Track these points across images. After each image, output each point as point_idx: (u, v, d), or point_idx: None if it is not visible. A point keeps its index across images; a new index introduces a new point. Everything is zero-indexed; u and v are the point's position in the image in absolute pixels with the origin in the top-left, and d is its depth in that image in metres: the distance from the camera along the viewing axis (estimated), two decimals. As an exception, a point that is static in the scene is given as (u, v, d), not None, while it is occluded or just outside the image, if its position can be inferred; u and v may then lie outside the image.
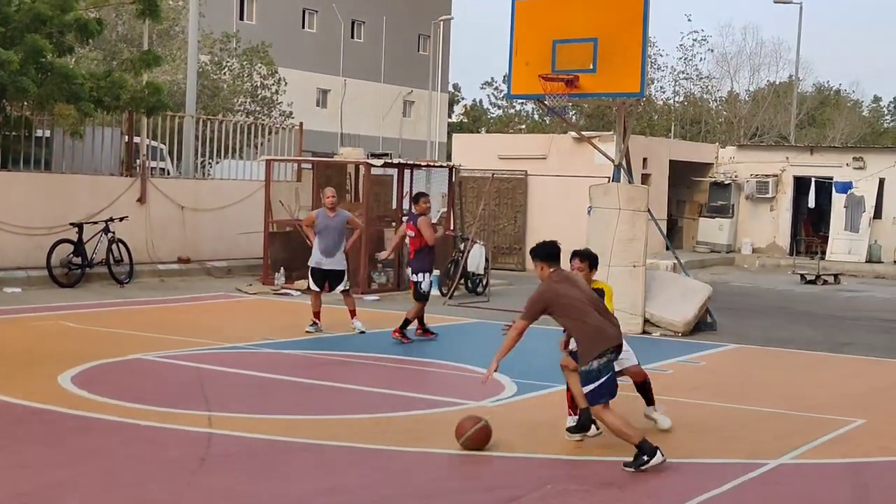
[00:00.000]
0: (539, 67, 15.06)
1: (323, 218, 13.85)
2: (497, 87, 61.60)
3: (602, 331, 7.78)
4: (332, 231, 13.76)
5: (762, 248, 31.15)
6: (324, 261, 13.74)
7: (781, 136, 47.17)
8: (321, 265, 13.77)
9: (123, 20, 31.79)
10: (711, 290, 15.95)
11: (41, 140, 19.31)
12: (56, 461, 7.24)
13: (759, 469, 7.76)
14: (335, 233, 13.78)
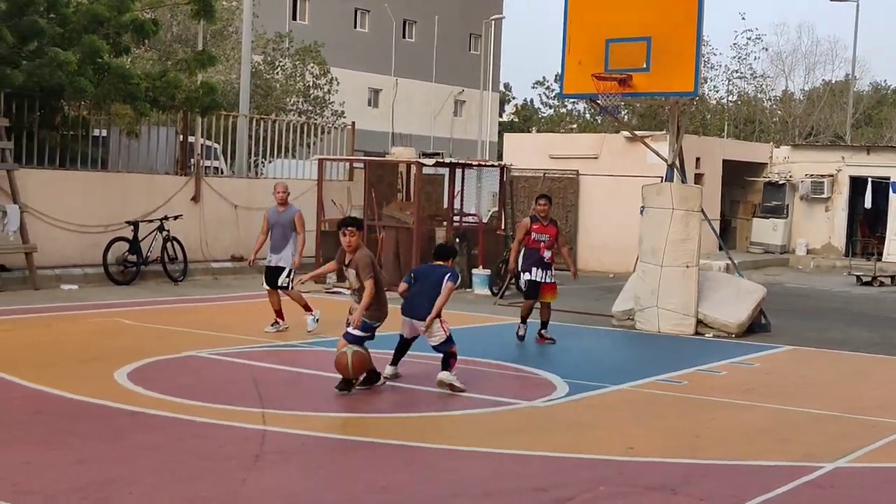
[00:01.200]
0: (592, 67, 15.01)
1: (273, 214, 13.47)
2: (548, 87, 61.34)
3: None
4: (278, 227, 13.37)
5: (817, 248, 30.78)
6: (272, 258, 13.43)
7: (837, 135, 46.59)
8: (269, 262, 13.48)
9: (178, 21, 32.15)
10: (765, 291, 15.79)
11: (98, 139, 19.56)
12: (112, 457, 7.33)
13: (813, 472, 7.67)
14: (282, 228, 13.35)
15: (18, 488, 6.51)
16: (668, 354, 13.41)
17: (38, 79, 16.82)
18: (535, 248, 13.39)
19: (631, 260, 18.69)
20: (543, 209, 13.47)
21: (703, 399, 10.27)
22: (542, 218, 13.46)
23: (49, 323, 13.47)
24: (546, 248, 13.39)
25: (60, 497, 6.41)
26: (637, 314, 15.27)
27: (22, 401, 9.00)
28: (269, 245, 13.50)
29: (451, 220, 19.75)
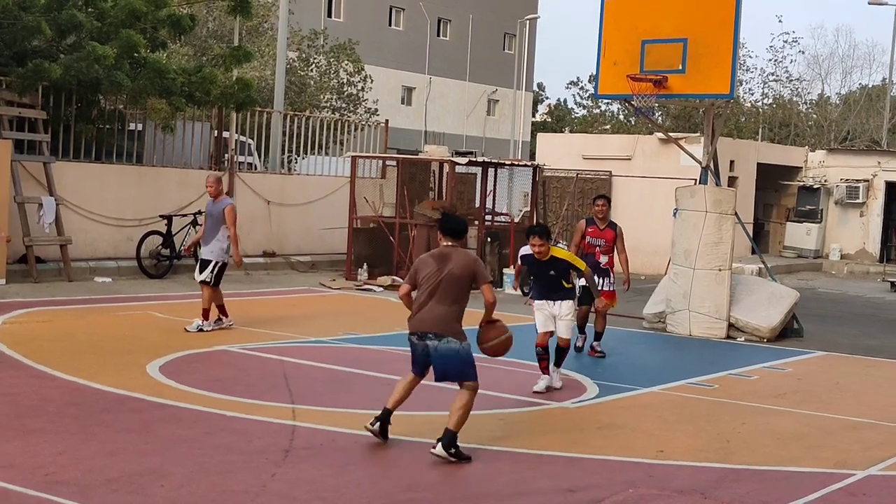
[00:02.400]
0: (627, 67, 14.95)
1: (208, 205, 13.06)
2: (582, 87, 61.22)
3: (415, 314, 7.90)
4: (210, 219, 12.92)
5: (851, 254, 30.54)
6: (202, 250, 12.99)
7: (873, 140, 46.17)
8: (201, 255, 13.06)
9: (214, 16, 32.30)
10: (798, 295, 15.68)
11: (133, 133, 19.70)
12: (144, 449, 7.38)
13: (846, 479, 7.62)
14: (213, 221, 12.86)
15: (52, 478, 6.57)
16: (699, 358, 13.35)
17: (75, 72, 16.96)
18: (590, 253, 12.55)
19: (663, 262, 18.63)
20: (601, 210, 12.66)
21: (734, 403, 10.22)
22: (599, 220, 12.69)
23: (83, 315, 13.58)
24: (602, 253, 12.60)
25: (93, 488, 6.46)
26: (668, 317, 15.21)
27: (56, 392, 9.08)
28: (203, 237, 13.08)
29: (483, 220, 19.74)
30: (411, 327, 7.92)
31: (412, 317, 7.92)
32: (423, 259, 8.03)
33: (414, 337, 7.90)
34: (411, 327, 7.92)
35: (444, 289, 7.81)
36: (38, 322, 12.82)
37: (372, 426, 7.84)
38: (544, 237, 10.22)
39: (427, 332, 7.79)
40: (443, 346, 7.77)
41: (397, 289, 18.23)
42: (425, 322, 7.82)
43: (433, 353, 7.80)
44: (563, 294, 10.52)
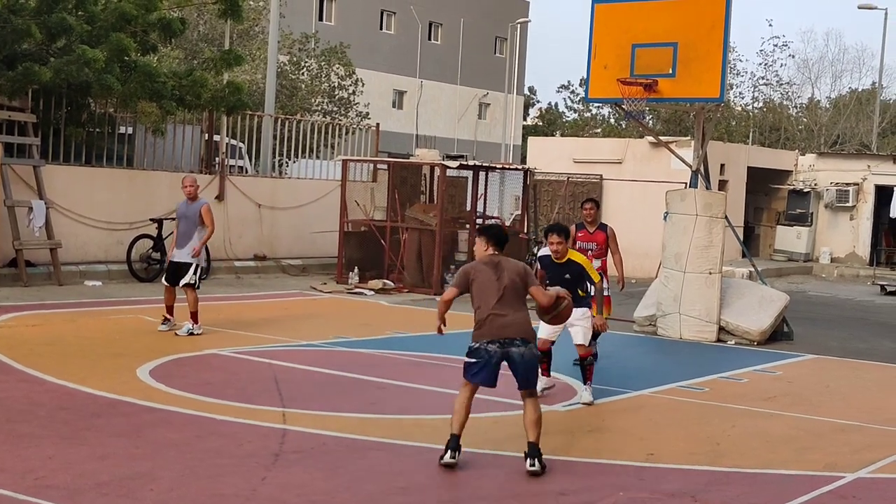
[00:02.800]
0: (617, 71, 14.98)
1: (181, 207, 12.94)
2: (573, 91, 61.30)
3: (489, 321, 7.60)
4: (185, 221, 12.80)
5: (841, 257, 30.62)
6: (175, 253, 12.78)
7: (863, 144, 46.32)
8: (172, 258, 12.85)
9: (205, 20, 32.28)
10: (788, 299, 15.72)
11: (124, 137, 19.68)
12: (134, 453, 7.37)
13: (835, 482, 7.64)
14: (188, 222, 12.76)
15: (42, 483, 6.56)
16: (689, 361, 13.37)
17: (65, 76, 16.93)
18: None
19: (653, 265, 18.65)
20: (589, 213, 12.47)
21: (724, 406, 10.24)
22: (588, 224, 12.49)
23: (73, 319, 13.55)
24: (595, 257, 12.15)
25: (82, 492, 6.45)
26: (659, 320, 15.23)
27: (46, 396, 9.06)
28: (175, 239, 12.94)
29: (474, 223, 19.75)
30: (488, 335, 7.57)
31: (482, 325, 7.59)
32: (474, 267, 7.82)
33: (493, 345, 7.56)
34: (488, 335, 7.57)
35: (512, 295, 7.65)
36: (28, 326, 12.79)
37: (452, 459, 7.44)
38: (563, 235, 9.95)
39: (513, 338, 7.56)
40: (528, 353, 7.62)
41: (388, 292, 18.40)
42: (509, 328, 7.57)
43: (518, 359, 7.56)
44: (578, 302, 9.94)
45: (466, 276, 7.77)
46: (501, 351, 7.57)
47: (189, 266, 12.69)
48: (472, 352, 7.66)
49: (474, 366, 7.64)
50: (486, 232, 8.00)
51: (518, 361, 7.59)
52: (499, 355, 7.58)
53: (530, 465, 7.41)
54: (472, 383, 7.70)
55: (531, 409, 7.63)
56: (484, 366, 7.60)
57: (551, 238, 9.83)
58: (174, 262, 12.79)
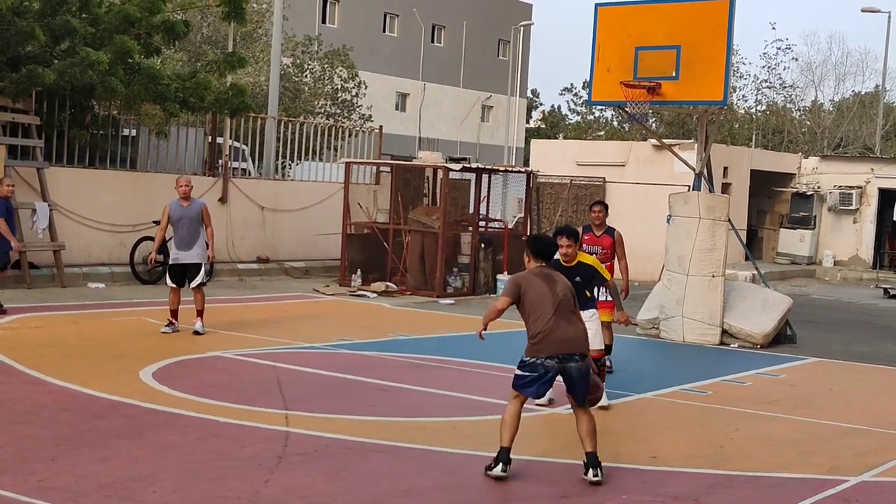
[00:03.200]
0: (621, 74, 14.99)
1: (176, 209, 12.82)
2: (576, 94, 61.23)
3: (548, 336, 7.44)
4: (185, 222, 12.77)
5: (844, 260, 30.60)
6: (181, 255, 12.79)
7: (866, 147, 46.28)
8: (178, 260, 12.82)
9: (209, 22, 32.30)
10: (791, 302, 15.71)
11: (127, 139, 19.69)
12: (137, 455, 7.37)
13: (839, 486, 7.63)
14: (189, 223, 12.77)
15: (44, 484, 6.56)
16: (692, 364, 13.36)
17: (69, 78, 16.94)
18: None
19: (656, 268, 18.65)
20: (598, 216, 12.02)
21: (727, 409, 10.23)
22: (595, 227, 12.05)
23: (76, 321, 13.56)
24: (601, 261, 11.51)
25: (85, 494, 6.45)
26: (662, 323, 15.22)
27: (49, 398, 9.06)
28: (175, 241, 12.84)
29: (477, 226, 19.76)
30: (548, 349, 7.41)
31: (540, 339, 7.43)
32: (525, 278, 7.65)
33: (552, 360, 7.41)
34: (548, 349, 7.41)
35: (567, 308, 7.54)
36: (32, 328, 12.79)
37: (504, 472, 7.29)
38: (573, 238, 9.71)
39: (573, 353, 7.44)
40: (585, 367, 7.50)
41: (391, 295, 18.40)
42: (568, 343, 7.44)
43: (576, 374, 7.43)
44: (583, 304, 9.66)
45: (518, 287, 7.59)
46: (559, 366, 7.42)
47: (200, 266, 12.84)
48: (528, 365, 7.48)
49: (526, 378, 7.48)
50: (534, 246, 7.87)
51: (575, 377, 7.45)
52: (555, 370, 7.44)
53: (593, 475, 7.30)
54: (522, 395, 7.54)
55: (586, 420, 7.51)
56: (537, 379, 7.46)
57: (560, 241, 9.56)
58: (182, 264, 12.82)
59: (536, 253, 7.81)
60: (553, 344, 7.43)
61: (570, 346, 7.46)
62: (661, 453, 8.30)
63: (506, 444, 7.39)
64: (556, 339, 7.43)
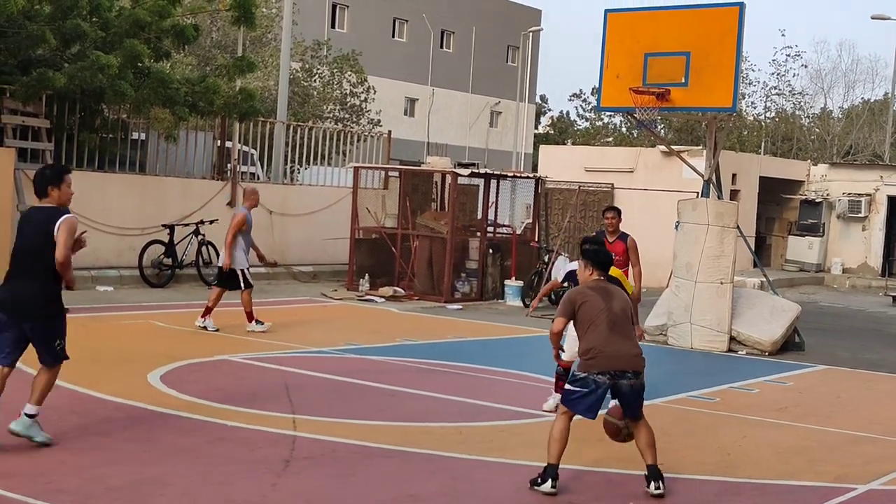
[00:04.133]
0: (630, 80, 14.98)
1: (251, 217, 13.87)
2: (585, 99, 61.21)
3: (602, 351, 7.28)
4: (250, 229, 13.79)
5: (853, 268, 30.54)
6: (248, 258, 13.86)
7: (876, 154, 46.19)
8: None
9: (218, 27, 32.35)
10: (800, 309, 15.68)
11: (136, 143, 19.75)
12: (145, 458, 7.38)
13: (847, 494, 7.61)
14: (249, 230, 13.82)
15: (53, 487, 6.58)
16: (700, 371, 13.33)
17: (79, 82, 17.00)
18: None
19: (664, 275, 18.63)
20: (611, 223, 11.79)
21: (735, 417, 10.21)
22: (609, 233, 11.81)
23: (84, 324, 13.56)
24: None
25: (94, 497, 6.46)
26: (670, 329, 15.20)
27: (58, 400, 9.05)
28: (244, 248, 13.64)
29: (485, 231, 19.76)
30: (599, 366, 7.25)
31: (594, 355, 7.27)
32: (581, 293, 7.51)
33: (604, 376, 7.24)
34: (599, 366, 7.25)
35: (624, 323, 7.41)
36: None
37: (554, 489, 7.13)
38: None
39: (626, 370, 7.30)
40: (638, 385, 7.37)
41: (399, 300, 18.40)
42: (623, 360, 7.31)
43: (628, 391, 7.30)
44: None
45: (573, 304, 7.45)
46: (610, 382, 7.28)
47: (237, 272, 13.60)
48: (578, 380, 7.33)
49: (576, 393, 7.32)
50: (590, 255, 7.74)
51: (627, 394, 7.33)
52: (606, 387, 7.29)
53: (655, 487, 7.20)
54: (573, 412, 7.39)
55: (645, 432, 7.41)
56: (588, 395, 7.29)
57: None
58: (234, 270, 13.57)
59: (597, 264, 7.69)
60: (605, 360, 7.27)
61: (624, 362, 7.31)
62: (669, 460, 8.27)
63: (553, 460, 7.22)
64: (608, 355, 7.27)
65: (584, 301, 7.44)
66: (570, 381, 7.40)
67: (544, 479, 7.19)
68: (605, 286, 7.61)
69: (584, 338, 7.40)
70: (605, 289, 7.56)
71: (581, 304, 7.43)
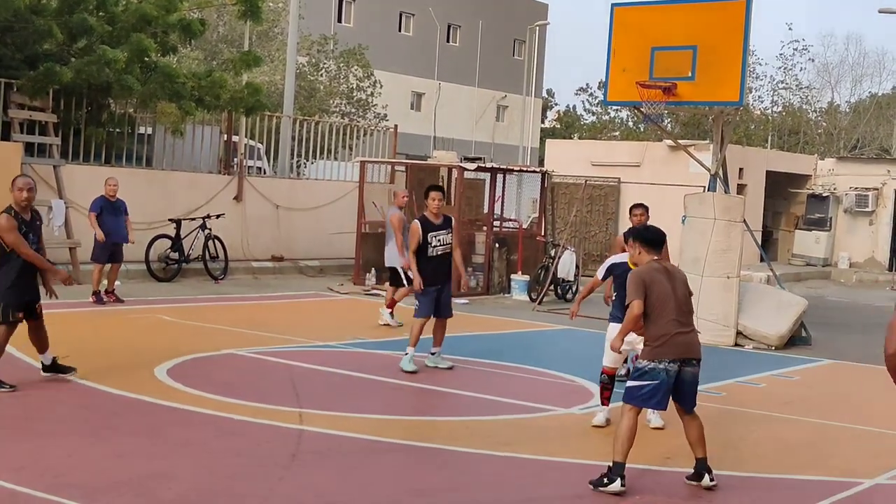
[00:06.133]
0: (636, 74, 14.96)
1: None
2: (591, 94, 61.12)
3: (673, 338, 7.08)
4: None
5: (860, 262, 30.47)
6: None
7: (883, 148, 46.10)
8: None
9: (225, 21, 32.39)
10: (807, 303, 15.65)
11: (143, 137, 19.76)
12: (152, 452, 7.40)
13: (853, 488, 7.61)
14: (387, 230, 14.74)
15: (60, 481, 6.59)
16: (706, 365, 13.20)
17: (86, 76, 17.02)
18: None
19: (671, 269, 18.57)
20: (640, 220, 11.00)
21: (741, 411, 10.21)
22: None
23: (91, 318, 13.62)
24: None
25: (100, 490, 6.48)
26: (676, 324, 15.17)
27: (65, 395, 9.11)
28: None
29: (491, 225, 19.76)
30: (671, 353, 7.04)
31: (664, 342, 7.04)
32: (648, 273, 7.19)
33: (673, 364, 7.03)
34: (671, 353, 7.04)
35: (687, 308, 7.23)
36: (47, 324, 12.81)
37: (623, 487, 7.00)
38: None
39: (693, 358, 7.13)
40: (698, 372, 7.23)
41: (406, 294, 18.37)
42: (692, 347, 7.13)
43: (690, 379, 7.15)
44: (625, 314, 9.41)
45: (644, 284, 7.12)
46: (678, 369, 7.07)
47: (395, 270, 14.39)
48: (647, 373, 7.06)
49: (646, 387, 7.07)
50: (644, 235, 7.43)
51: (690, 382, 7.17)
52: (675, 374, 7.07)
53: (710, 479, 7.16)
54: (642, 408, 7.23)
55: (696, 426, 7.28)
56: (660, 387, 7.06)
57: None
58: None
59: (648, 242, 7.36)
60: (678, 347, 7.06)
61: (693, 349, 7.16)
62: (676, 454, 8.27)
63: (620, 458, 7.04)
64: (679, 341, 7.07)
65: (654, 283, 7.13)
66: (637, 376, 7.14)
67: (611, 478, 7.03)
68: (667, 267, 7.33)
69: (652, 323, 7.09)
70: (667, 270, 7.30)
71: (650, 285, 7.11)
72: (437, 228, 11.29)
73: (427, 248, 11.22)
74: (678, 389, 7.19)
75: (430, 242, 11.23)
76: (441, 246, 11.30)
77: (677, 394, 7.23)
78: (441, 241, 11.31)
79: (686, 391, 7.22)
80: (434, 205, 11.30)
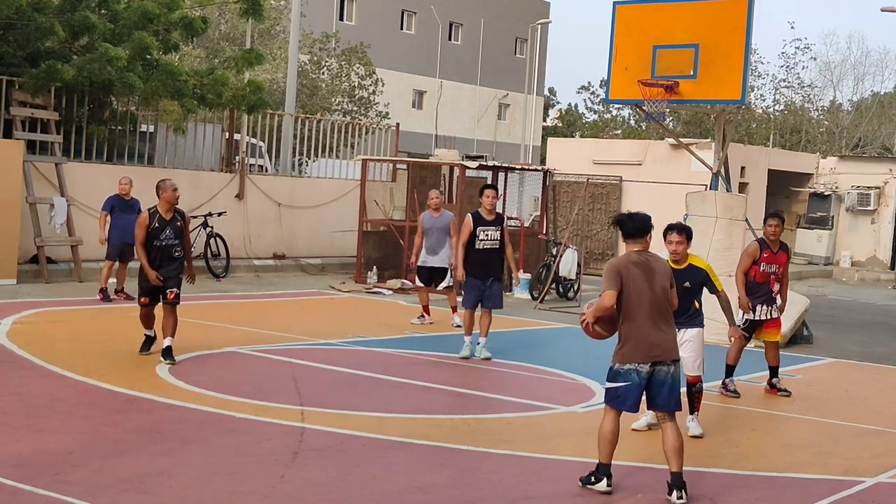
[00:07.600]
0: (638, 73, 14.96)
1: (428, 219, 14.41)
2: (593, 92, 61.16)
3: (640, 339, 6.87)
4: (436, 231, 14.34)
5: (862, 261, 30.47)
6: (429, 259, 14.39)
7: (885, 147, 46.07)
8: (426, 263, 14.41)
9: (227, 19, 32.39)
10: (808, 302, 15.65)
11: (145, 135, 19.76)
12: (154, 449, 7.40)
13: (855, 486, 7.60)
14: (440, 233, 14.33)
15: (61, 478, 6.60)
16: (708, 364, 13.27)
17: (88, 74, 17.02)
18: (763, 282, 10.86)
19: (673, 268, 18.57)
20: (775, 231, 10.84)
21: (743, 409, 10.21)
22: (771, 243, 10.88)
23: (93, 315, 13.63)
24: (776, 281, 10.96)
25: (102, 488, 6.48)
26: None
27: (67, 392, 9.11)
28: (425, 247, 14.36)
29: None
30: (637, 356, 6.85)
31: (632, 343, 6.85)
32: (623, 265, 6.91)
33: (644, 366, 6.85)
34: (637, 356, 6.85)
35: (663, 306, 6.92)
36: (49, 322, 12.86)
37: (609, 487, 6.95)
38: (685, 234, 8.70)
39: (666, 359, 6.89)
40: (677, 373, 6.96)
41: (406, 292, 18.40)
42: (663, 346, 6.88)
43: (665, 381, 6.89)
44: (691, 318, 8.97)
45: (619, 276, 6.85)
46: (649, 371, 6.88)
47: (446, 271, 14.30)
48: (621, 375, 6.91)
49: (620, 388, 6.93)
50: (627, 225, 7.04)
51: (663, 382, 6.90)
52: (646, 375, 6.88)
53: (677, 497, 6.80)
54: (622, 409, 6.98)
55: (672, 434, 6.93)
56: (633, 389, 6.89)
57: (671, 237, 8.71)
58: (430, 267, 14.38)
59: (631, 232, 7.01)
60: (649, 348, 6.87)
61: (660, 350, 6.89)
62: (677, 452, 8.27)
63: (605, 460, 7.00)
64: (648, 342, 6.86)
65: (629, 278, 6.87)
66: (612, 378, 7.00)
67: (598, 478, 7.02)
68: (647, 261, 6.99)
69: (626, 322, 6.90)
70: (646, 264, 6.98)
71: (626, 280, 6.86)
72: (487, 224, 11.97)
73: (475, 241, 11.92)
74: (650, 391, 7.00)
75: (478, 236, 11.91)
76: (488, 241, 11.96)
77: (653, 396, 7.02)
78: (489, 235, 11.98)
79: (658, 392, 6.95)
80: (488, 202, 11.98)
